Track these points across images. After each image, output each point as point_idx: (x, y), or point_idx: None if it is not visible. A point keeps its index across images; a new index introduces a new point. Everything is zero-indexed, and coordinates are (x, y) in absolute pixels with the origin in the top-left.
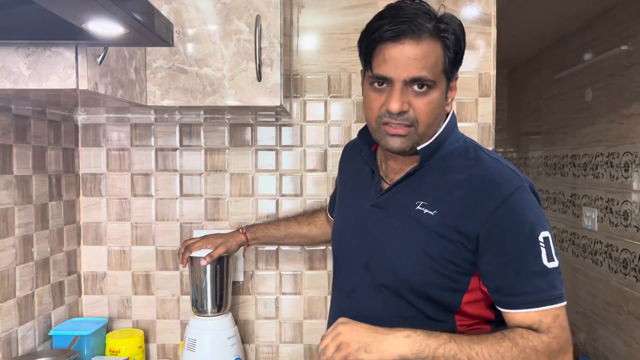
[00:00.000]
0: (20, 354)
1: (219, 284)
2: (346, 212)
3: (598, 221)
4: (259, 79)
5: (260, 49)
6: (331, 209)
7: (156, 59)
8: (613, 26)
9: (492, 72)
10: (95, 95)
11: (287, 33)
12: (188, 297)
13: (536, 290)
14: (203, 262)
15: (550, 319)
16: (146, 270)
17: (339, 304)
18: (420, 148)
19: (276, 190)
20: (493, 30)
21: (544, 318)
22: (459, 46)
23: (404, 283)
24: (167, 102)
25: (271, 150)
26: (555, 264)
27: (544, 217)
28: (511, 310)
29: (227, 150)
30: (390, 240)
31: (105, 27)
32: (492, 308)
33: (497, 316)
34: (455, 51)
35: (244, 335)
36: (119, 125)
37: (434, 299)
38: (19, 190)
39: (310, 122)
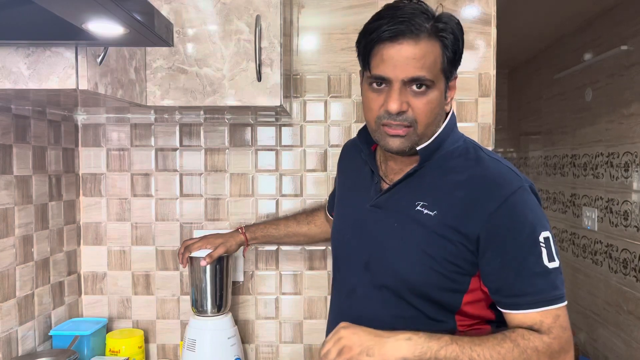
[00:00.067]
0: (20, 354)
1: (219, 284)
2: (346, 212)
3: (598, 221)
4: (259, 79)
5: (260, 49)
6: (330, 208)
7: (156, 59)
8: (613, 26)
9: (492, 72)
10: (95, 95)
11: (287, 33)
12: (188, 297)
13: (537, 290)
14: (203, 263)
15: (551, 319)
16: (146, 270)
17: (339, 304)
18: (420, 148)
19: (276, 190)
20: (493, 30)
21: (545, 318)
22: (458, 45)
23: (404, 283)
24: (167, 102)
25: (271, 150)
26: (556, 264)
27: (545, 217)
28: (512, 311)
29: (227, 150)
30: (390, 241)
31: (105, 27)
32: (493, 308)
33: (498, 316)
34: (453, 50)
35: (244, 335)
36: (119, 125)
37: (434, 300)
38: (19, 190)
39: (310, 122)
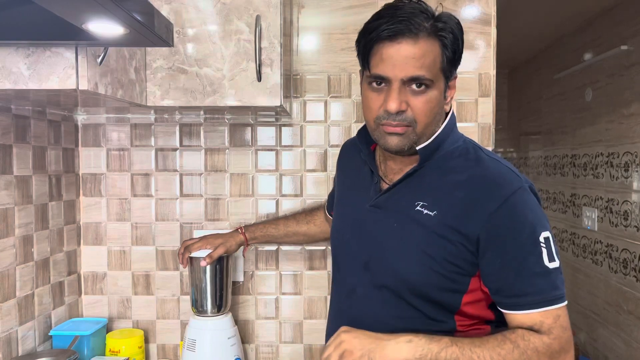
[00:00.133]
0: (20, 354)
1: (219, 284)
2: (345, 212)
3: (598, 221)
4: (259, 79)
5: (260, 49)
6: (330, 207)
7: (156, 59)
8: (613, 26)
9: (492, 72)
10: (95, 96)
11: (287, 33)
12: (188, 297)
13: (537, 291)
14: (203, 263)
15: (551, 319)
16: (146, 270)
17: (339, 304)
18: (420, 148)
19: (276, 190)
20: (493, 30)
21: (545, 319)
22: (457, 45)
23: (404, 284)
24: (167, 102)
25: (271, 150)
26: (556, 264)
27: (545, 217)
28: (513, 311)
29: (227, 150)
30: (389, 241)
31: (105, 28)
32: (492, 308)
33: (497, 316)
34: (453, 50)
35: (244, 335)
36: (119, 125)
37: (433, 300)
38: (19, 191)
39: (310, 122)
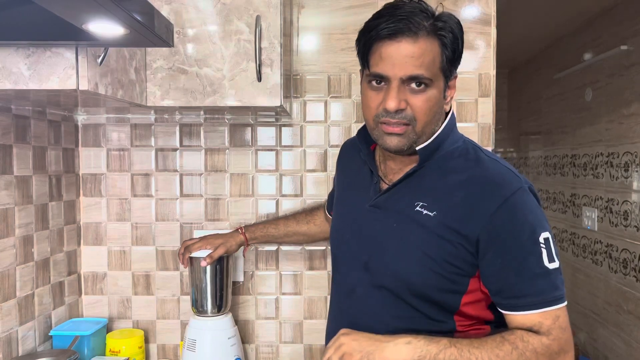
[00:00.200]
0: (20, 354)
1: (219, 284)
2: (345, 212)
3: (598, 221)
4: (259, 79)
5: (260, 49)
6: (329, 206)
7: (156, 59)
8: (613, 26)
9: (492, 72)
10: (95, 96)
11: (287, 33)
12: (188, 297)
13: (537, 291)
14: (203, 263)
15: (550, 320)
16: (146, 270)
17: (339, 304)
18: (420, 148)
19: (276, 190)
20: (493, 30)
21: (544, 320)
22: (457, 44)
23: (403, 284)
24: (167, 103)
25: (271, 150)
26: (556, 264)
27: (544, 218)
28: (512, 312)
29: (227, 150)
30: (389, 241)
31: (105, 28)
32: (492, 309)
33: (497, 317)
34: (452, 49)
35: (244, 335)
36: (119, 125)
37: (433, 300)
38: (19, 191)
39: (310, 123)
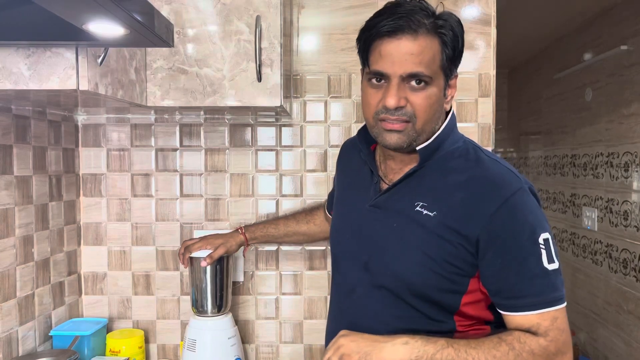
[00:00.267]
0: (20, 354)
1: (219, 284)
2: (345, 212)
3: (598, 221)
4: (259, 79)
5: (260, 49)
6: (329, 206)
7: (156, 60)
8: (613, 26)
9: (492, 72)
10: (95, 96)
11: (287, 33)
12: (188, 297)
13: (536, 292)
14: (204, 264)
15: (548, 321)
16: (146, 270)
17: (339, 304)
18: (420, 148)
19: (276, 190)
20: (493, 30)
21: (543, 321)
22: (457, 43)
23: (403, 284)
24: (167, 103)
25: (271, 150)
26: (556, 265)
27: (544, 219)
28: (511, 312)
29: (227, 150)
30: (389, 241)
31: (105, 28)
32: (492, 309)
33: (497, 317)
34: (453, 47)
35: (244, 335)
36: (119, 125)
37: (433, 300)
38: (20, 191)
39: (310, 123)
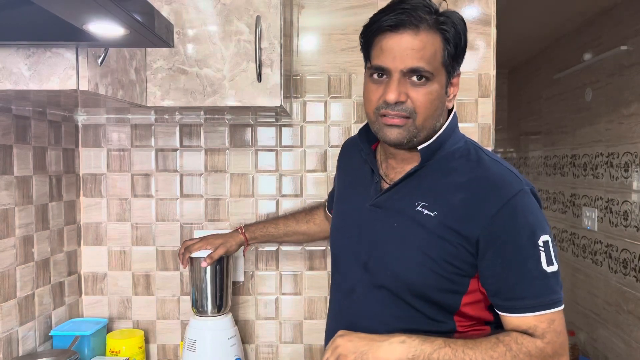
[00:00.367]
0: (20, 354)
1: (219, 284)
2: (345, 211)
3: (598, 221)
4: (259, 79)
5: (260, 49)
6: (330, 205)
7: (156, 60)
8: (613, 26)
9: (492, 73)
10: (95, 96)
11: (287, 33)
12: (188, 298)
13: (534, 294)
14: (204, 264)
15: (545, 324)
16: (146, 270)
17: (338, 303)
18: (421, 148)
19: (276, 190)
20: (493, 30)
21: (540, 323)
22: (459, 40)
23: (403, 284)
24: (168, 103)
25: (271, 150)
26: (555, 267)
27: (545, 221)
28: (508, 314)
29: (227, 150)
30: (389, 241)
31: (105, 28)
32: (491, 310)
33: (496, 318)
34: (455, 44)
35: (244, 335)
36: (119, 125)
37: (433, 300)
38: (20, 191)
39: (310, 123)
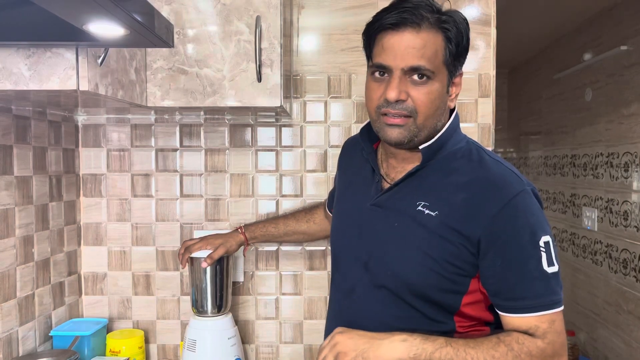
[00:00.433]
0: (20, 354)
1: (219, 285)
2: (345, 210)
3: (598, 221)
4: (259, 79)
5: (260, 49)
6: (330, 204)
7: (156, 60)
8: (613, 26)
9: (492, 73)
10: (95, 96)
11: (287, 34)
12: (188, 298)
13: (535, 295)
14: (204, 265)
15: (546, 324)
16: (146, 270)
17: (338, 303)
18: (423, 147)
19: (276, 190)
20: (493, 30)
21: (541, 323)
22: (461, 39)
23: (404, 284)
24: (168, 103)
25: (271, 150)
26: (555, 268)
27: (546, 221)
28: (509, 314)
29: (227, 150)
30: (390, 241)
31: (105, 28)
32: (491, 310)
33: (497, 318)
34: (457, 44)
35: (244, 335)
36: (119, 125)
37: (433, 300)
38: (20, 191)
39: (310, 123)
